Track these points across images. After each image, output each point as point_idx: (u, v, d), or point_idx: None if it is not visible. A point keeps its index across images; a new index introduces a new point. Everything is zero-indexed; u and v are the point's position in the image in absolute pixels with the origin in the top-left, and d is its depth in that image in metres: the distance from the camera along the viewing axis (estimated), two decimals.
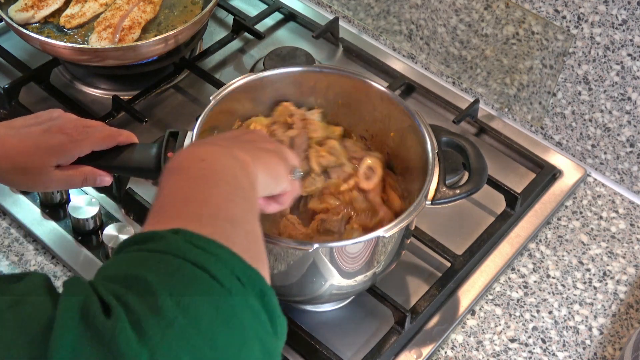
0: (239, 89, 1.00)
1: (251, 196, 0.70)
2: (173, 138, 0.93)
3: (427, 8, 1.29)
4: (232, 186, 0.67)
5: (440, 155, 0.94)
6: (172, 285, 0.53)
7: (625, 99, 1.13)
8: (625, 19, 1.06)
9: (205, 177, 0.67)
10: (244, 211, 0.66)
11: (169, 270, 0.54)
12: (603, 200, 1.18)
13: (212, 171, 0.68)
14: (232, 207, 0.64)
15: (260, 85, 1.03)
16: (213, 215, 0.62)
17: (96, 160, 0.91)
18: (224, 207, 0.64)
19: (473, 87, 1.32)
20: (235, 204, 0.65)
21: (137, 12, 1.26)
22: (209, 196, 0.64)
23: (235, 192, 0.67)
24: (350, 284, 0.94)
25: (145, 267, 0.54)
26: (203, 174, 0.67)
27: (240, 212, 0.65)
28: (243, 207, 0.66)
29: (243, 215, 0.65)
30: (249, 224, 0.65)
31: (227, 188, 0.66)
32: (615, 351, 1.02)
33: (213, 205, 0.63)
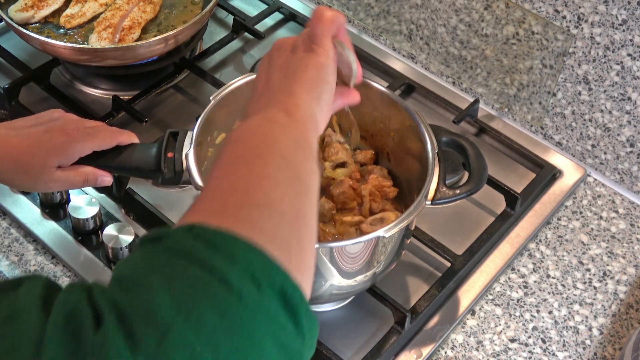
0: (239, 89, 1.00)
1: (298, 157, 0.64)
2: (173, 138, 0.94)
3: (427, 8, 1.29)
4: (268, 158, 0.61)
5: (440, 155, 0.94)
6: (174, 289, 0.49)
7: (625, 99, 1.13)
8: (625, 19, 1.06)
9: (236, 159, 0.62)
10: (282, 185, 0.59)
11: (174, 274, 0.50)
12: (603, 200, 1.18)
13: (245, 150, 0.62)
14: (265, 185, 0.58)
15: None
16: (238, 202, 0.57)
17: (97, 160, 0.91)
18: (252, 189, 0.58)
19: (473, 87, 1.32)
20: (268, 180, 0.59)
21: (137, 12, 1.26)
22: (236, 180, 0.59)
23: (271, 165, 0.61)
24: (350, 284, 0.94)
25: (151, 270, 0.51)
26: (235, 156, 0.62)
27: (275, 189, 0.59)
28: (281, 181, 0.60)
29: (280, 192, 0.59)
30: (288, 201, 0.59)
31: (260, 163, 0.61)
32: (615, 351, 1.02)
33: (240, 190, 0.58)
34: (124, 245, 1.03)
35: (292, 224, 0.58)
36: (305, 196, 0.61)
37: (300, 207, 0.60)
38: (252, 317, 0.49)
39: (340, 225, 0.98)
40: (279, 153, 0.62)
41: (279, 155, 0.62)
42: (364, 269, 0.91)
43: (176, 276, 0.50)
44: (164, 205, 1.12)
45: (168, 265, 0.51)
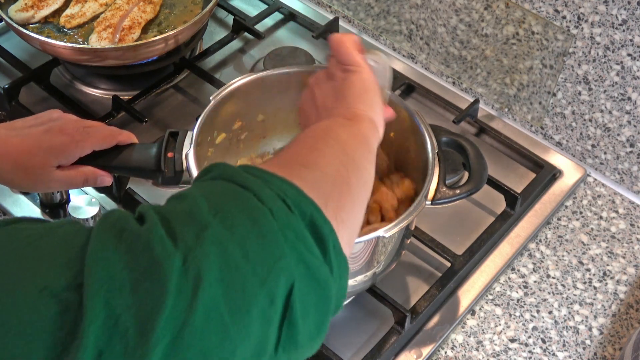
0: (239, 89, 1.00)
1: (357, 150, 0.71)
2: (173, 138, 0.94)
3: (427, 8, 1.29)
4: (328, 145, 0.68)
5: (440, 155, 0.94)
6: (213, 198, 0.54)
7: (625, 99, 1.13)
8: (625, 19, 1.06)
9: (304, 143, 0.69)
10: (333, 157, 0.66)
11: (213, 188, 0.56)
12: (603, 200, 1.18)
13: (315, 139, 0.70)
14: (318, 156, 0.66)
15: (260, 85, 1.03)
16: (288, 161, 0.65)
17: (96, 160, 0.91)
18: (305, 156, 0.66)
19: (473, 87, 1.32)
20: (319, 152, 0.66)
21: (137, 12, 1.26)
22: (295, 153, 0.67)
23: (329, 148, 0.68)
24: (351, 284, 0.94)
25: (192, 188, 0.57)
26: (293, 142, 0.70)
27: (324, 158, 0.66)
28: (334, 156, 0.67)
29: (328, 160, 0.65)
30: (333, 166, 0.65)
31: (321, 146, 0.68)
32: (615, 351, 1.02)
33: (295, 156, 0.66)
34: None
35: (333, 182, 0.63)
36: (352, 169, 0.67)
37: (344, 174, 0.65)
38: (280, 229, 0.54)
39: None
40: (334, 137, 0.70)
41: (333, 138, 0.70)
42: (364, 269, 0.91)
43: (214, 190, 0.56)
44: None
45: (209, 184, 0.57)
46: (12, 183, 0.93)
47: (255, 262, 0.52)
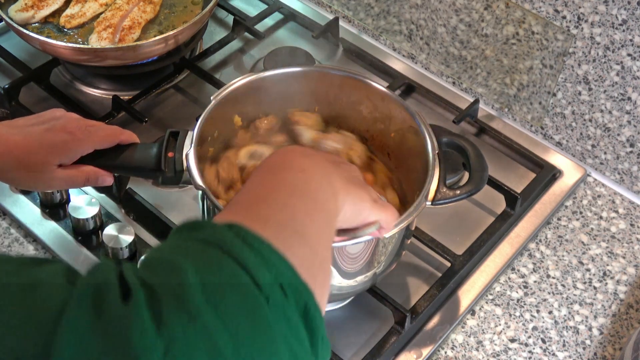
0: (240, 89, 1.00)
1: (332, 220, 0.66)
2: (173, 138, 0.94)
3: (427, 8, 1.29)
4: (317, 205, 0.64)
5: (440, 156, 0.94)
6: (206, 278, 0.49)
7: (625, 99, 1.13)
8: (625, 19, 1.07)
9: (296, 186, 0.64)
10: (320, 232, 0.62)
11: (208, 262, 0.51)
12: (603, 200, 1.18)
13: (305, 184, 0.65)
14: (309, 223, 0.61)
15: (260, 85, 1.03)
16: (283, 223, 0.59)
17: (97, 159, 0.91)
18: (299, 220, 0.60)
19: (473, 87, 1.32)
20: (311, 221, 0.61)
21: (137, 12, 1.26)
22: (289, 205, 0.61)
23: (318, 212, 0.63)
24: (351, 285, 0.94)
25: (185, 255, 0.51)
26: (295, 183, 0.64)
27: (315, 231, 0.61)
28: (320, 229, 0.62)
29: (317, 235, 0.61)
30: (320, 245, 0.61)
31: (311, 205, 0.63)
32: (615, 351, 1.02)
33: (288, 214, 0.60)
34: (124, 245, 1.03)
35: (321, 265, 0.60)
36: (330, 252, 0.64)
37: (328, 257, 0.63)
38: (276, 321, 0.50)
39: None
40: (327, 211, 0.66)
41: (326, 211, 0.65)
42: (365, 270, 0.91)
43: (210, 265, 0.50)
44: (164, 205, 1.12)
45: (203, 253, 0.51)
46: (13, 181, 0.93)
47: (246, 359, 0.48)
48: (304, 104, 1.07)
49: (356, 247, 0.88)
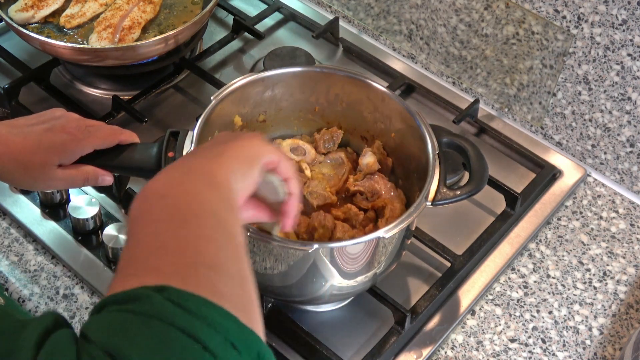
0: (240, 89, 1.00)
1: (233, 225, 0.63)
2: (174, 138, 0.94)
3: (427, 8, 1.29)
4: (203, 218, 0.60)
5: (440, 156, 0.94)
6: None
7: (625, 99, 1.13)
8: (625, 19, 1.07)
9: (171, 216, 0.60)
10: (224, 247, 0.59)
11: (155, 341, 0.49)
12: (603, 200, 1.18)
13: (176, 207, 0.61)
14: (211, 247, 0.58)
15: (260, 86, 1.03)
16: (192, 263, 0.56)
17: (97, 159, 0.91)
18: (201, 251, 0.57)
19: (473, 87, 1.32)
20: (211, 242, 0.59)
21: (137, 12, 1.26)
22: (181, 240, 0.58)
23: (208, 225, 0.60)
24: (351, 285, 0.94)
25: (129, 337, 0.49)
26: (167, 213, 0.60)
27: (220, 251, 0.59)
28: (222, 243, 0.60)
29: (225, 255, 0.59)
30: (232, 263, 0.59)
31: (198, 222, 0.59)
32: (615, 351, 1.02)
33: (190, 250, 0.57)
34: (124, 245, 1.03)
35: (241, 285, 0.58)
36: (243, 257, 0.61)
37: (242, 268, 0.60)
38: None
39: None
40: (212, 213, 0.62)
41: (212, 215, 0.61)
42: (365, 270, 0.91)
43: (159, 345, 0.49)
44: None
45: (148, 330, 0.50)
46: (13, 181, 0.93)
47: None
48: (304, 104, 1.07)
49: (356, 247, 0.88)
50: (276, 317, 1.00)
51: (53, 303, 1.02)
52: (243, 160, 0.71)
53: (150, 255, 0.57)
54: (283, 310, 1.01)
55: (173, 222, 0.59)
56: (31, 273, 1.05)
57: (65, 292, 1.04)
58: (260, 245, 0.88)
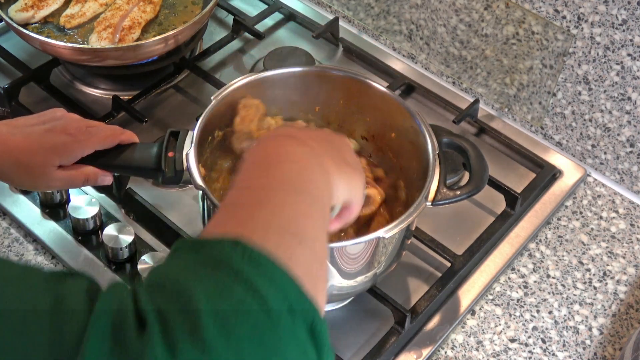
0: (240, 89, 1.00)
1: (327, 212, 0.67)
2: (174, 138, 0.94)
3: (427, 8, 1.29)
4: (313, 199, 0.64)
5: (440, 157, 0.94)
6: (218, 307, 0.50)
7: (625, 99, 1.13)
8: (625, 19, 1.07)
9: (291, 181, 0.64)
10: (317, 228, 0.62)
11: (219, 288, 0.51)
12: (603, 200, 1.18)
13: (299, 177, 0.65)
14: (306, 222, 0.61)
15: (261, 86, 1.03)
16: (283, 227, 0.59)
17: (98, 159, 0.91)
18: (296, 221, 0.61)
19: (473, 87, 1.32)
20: (310, 219, 0.62)
21: (137, 12, 1.26)
22: (285, 204, 0.61)
23: (314, 207, 0.64)
24: (351, 285, 0.94)
25: (196, 279, 0.52)
26: (289, 177, 0.64)
27: (312, 229, 0.61)
28: (317, 224, 0.63)
29: (314, 234, 0.61)
30: (319, 242, 0.62)
31: (308, 200, 0.63)
32: (615, 351, 1.02)
33: (286, 216, 0.60)
34: (124, 245, 1.03)
35: (320, 265, 0.61)
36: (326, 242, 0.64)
37: (323, 250, 0.63)
38: (286, 345, 0.51)
39: None
40: (318, 194, 0.66)
41: (318, 196, 0.65)
42: (365, 270, 0.91)
43: (221, 290, 0.51)
44: (164, 205, 1.12)
45: (214, 278, 0.52)
46: (13, 181, 0.93)
47: None
48: (304, 104, 1.07)
49: (356, 247, 0.88)
50: None
51: None
52: (348, 193, 0.74)
53: (249, 206, 0.60)
54: None
55: (287, 187, 0.63)
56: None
57: None
58: None
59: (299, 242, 0.59)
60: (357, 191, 0.76)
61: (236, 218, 0.59)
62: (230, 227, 0.58)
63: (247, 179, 0.65)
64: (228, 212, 0.61)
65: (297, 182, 0.64)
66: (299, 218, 0.61)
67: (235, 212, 0.60)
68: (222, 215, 0.61)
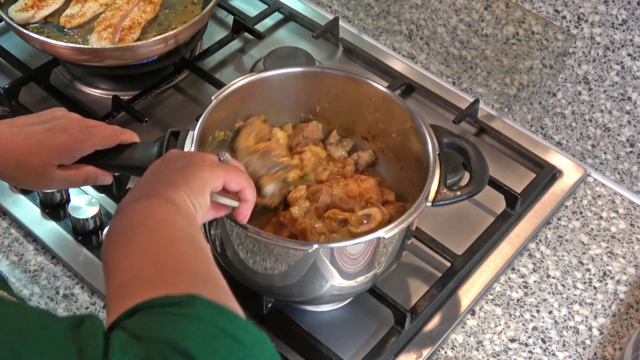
0: (240, 89, 1.00)
1: (200, 238, 0.71)
2: (174, 137, 0.94)
3: (427, 8, 1.29)
4: (182, 241, 0.68)
5: (441, 157, 0.94)
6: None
7: (625, 99, 1.13)
8: (625, 19, 1.07)
9: (154, 242, 0.67)
10: (205, 261, 0.67)
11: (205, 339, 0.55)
12: (603, 200, 1.18)
13: (157, 234, 0.68)
14: (198, 263, 0.66)
15: (261, 86, 1.03)
16: (200, 277, 0.64)
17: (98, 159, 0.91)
18: (196, 268, 0.65)
19: (473, 87, 1.32)
20: (197, 258, 0.67)
21: (137, 12, 1.26)
22: (174, 259, 0.65)
23: (188, 245, 0.68)
24: (351, 285, 0.94)
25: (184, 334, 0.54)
26: (149, 240, 0.67)
27: (203, 265, 0.66)
28: (202, 258, 0.67)
29: (207, 266, 0.66)
30: (213, 272, 0.66)
31: (181, 245, 0.68)
32: (615, 351, 1.02)
33: (187, 267, 0.64)
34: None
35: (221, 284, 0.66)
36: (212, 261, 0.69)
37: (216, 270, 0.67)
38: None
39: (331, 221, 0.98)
40: (189, 236, 0.70)
41: (189, 237, 0.70)
42: (365, 270, 0.91)
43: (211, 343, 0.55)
44: None
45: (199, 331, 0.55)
46: (13, 181, 0.93)
47: None
48: (305, 104, 1.07)
49: (356, 247, 0.88)
50: (276, 317, 1.00)
51: (53, 303, 1.02)
52: (194, 190, 0.77)
53: (154, 273, 0.63)
54: (283, 310, 1.01)
55: (158, 246, 0.66)
56: (31, 273, 1.05)
57: (65, 292, 1.04)
58: (260, 246, 0.88)
59: (211, 283, 0.64)
60: (205, 178, 0.78)
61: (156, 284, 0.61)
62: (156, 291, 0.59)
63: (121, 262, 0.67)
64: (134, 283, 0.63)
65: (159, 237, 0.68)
66: (193, 264, 0.66)
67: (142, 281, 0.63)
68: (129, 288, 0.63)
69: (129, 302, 0.58)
